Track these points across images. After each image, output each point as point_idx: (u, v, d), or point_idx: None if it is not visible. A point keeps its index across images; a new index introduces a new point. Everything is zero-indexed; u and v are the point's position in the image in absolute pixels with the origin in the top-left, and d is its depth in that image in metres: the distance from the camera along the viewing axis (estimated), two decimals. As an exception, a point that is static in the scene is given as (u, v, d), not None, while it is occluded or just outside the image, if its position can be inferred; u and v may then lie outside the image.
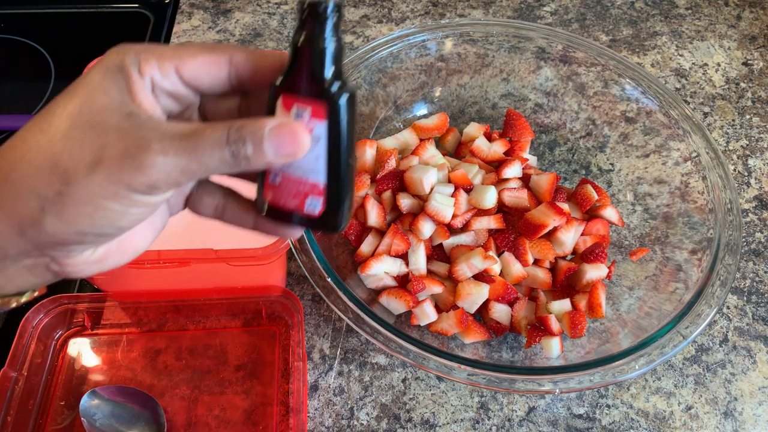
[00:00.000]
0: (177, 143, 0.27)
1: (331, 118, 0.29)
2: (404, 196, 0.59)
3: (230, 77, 0.31)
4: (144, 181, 0.27)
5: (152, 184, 0.27)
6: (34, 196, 0.27)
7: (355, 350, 0.60)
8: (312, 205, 0.31)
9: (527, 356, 0.57)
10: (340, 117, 0.29)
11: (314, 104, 0.29)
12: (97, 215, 0.27)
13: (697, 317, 0.51)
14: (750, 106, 0.80)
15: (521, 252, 0.58)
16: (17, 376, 0.53)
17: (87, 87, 0.28)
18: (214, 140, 0.27)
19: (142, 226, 0.32)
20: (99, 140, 0.27)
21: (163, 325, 0.60)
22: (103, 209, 0.27)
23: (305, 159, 0.29)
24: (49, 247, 0.28)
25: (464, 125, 0.69)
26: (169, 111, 0.31)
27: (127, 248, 0.32)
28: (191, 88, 0.31)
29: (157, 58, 0.29)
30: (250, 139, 0.27)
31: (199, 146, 0.27)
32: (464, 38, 0.69)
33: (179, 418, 0.55)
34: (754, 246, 0.69)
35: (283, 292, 0.58)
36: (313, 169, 0.30)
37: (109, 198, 0.27)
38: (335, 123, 0.29)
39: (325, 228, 0.32)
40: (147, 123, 0.28)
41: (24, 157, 0.27)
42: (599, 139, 0.70)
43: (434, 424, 0.56)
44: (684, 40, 0.87)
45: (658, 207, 0.64)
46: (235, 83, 0.31)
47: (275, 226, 0.33)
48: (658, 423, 0.57)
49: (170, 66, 0.29)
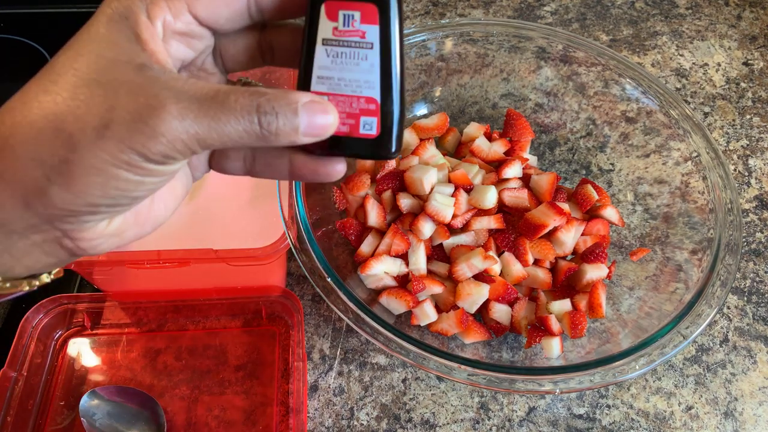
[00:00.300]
0: (197, 107, 0.24)
1: (383, 21, 0.27)
2: (404, 196, 0.59)
3: (249, 7, 0.28)
4: (158, 150, 0.24)
5: (167, 153, 0.24)
6: (37, 164, 0.24)
7: (355, 350, 0.60)
8: (368, 124, 0.28)
9: (527, 356, 0.57)
10: (392, 19, 0.27)
11: (363, 7, 0.27)
12: (109, 185, 0.25)
13: (698, 317, 0.51)
14: (750, 106, 0.80)
15: (521, 252, 0.58)
16: (17, 376, 0.53)
17: (91, 41, 0.25)
18: (242, 107, 0.25)
19: (162, 193, 0.29)
20: (107, 100, 0.24)
21: (163, 325, 0.60)
22: (115, 179, 0.25)
23: (358, 69, 0.27)
24: (59, 220, 0.26)
25: (464, 125, 0.69)
26: (182, 59, 0.28)
27: (146, 219, 0.29)
28: (206, 27, 0.28)
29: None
30: (283, 111, 0.25)
31: (223, 112, 0.24)
32: (464, 38, 0.69)
33: (179, 419, 0.55)
34: (754, 246, 0.69)
35: (283, 292, 0.58)
36: (367, 81, 0.27)
37: (120, 167, 0.24)
38: (387, 26, 0.27)
39: (380, 153, 0.28)
40: (162, 78, 0.25)
41: (24, 120, 0.24)
42: (599, 139, 0.70)
43: (434, 425, 0.56)
44: (684, 39, 0.87)
45: (658, 207, 0.64)
46: (255, 14, 0.28)
47: (318, 164, 0.29)
48: (658, 423, 0.57)
49: (182, 4, 0.26)
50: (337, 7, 0.27)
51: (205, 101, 0.24)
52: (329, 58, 0.28)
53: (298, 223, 0.53)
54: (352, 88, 0.27)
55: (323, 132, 0.27)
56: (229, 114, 0.24)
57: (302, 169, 0.29)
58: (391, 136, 0.28)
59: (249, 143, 0.26)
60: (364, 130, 0.28)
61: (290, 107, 0.25)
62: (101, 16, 0.25)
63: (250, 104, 0.25)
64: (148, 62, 0.25)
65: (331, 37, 0.27)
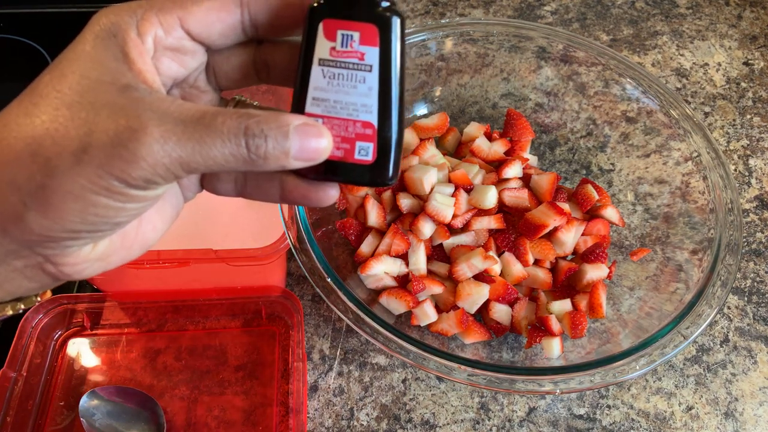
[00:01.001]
0: (182, 129, 0.23)
1: (383, 43, 0.26)
2: (404, 196, 0.59)
3: (243, 22, 0.27)
4: (139, 175, 0.23)
5: (148, 178, 0.23)
6: (14, 189, 0.23)
7: (355, 350, 0.60)
8: (364, 150, 0.27)
9: (528, 357, 0.57)
10: (393, 42, 0.26)
11: (363, 27, 0.25)
12: (88, 212, 0.24)
13: (698, 317, 0.51)
14: (751, 106, 0.80)
15: (522, 252, 0.58)
16: (16, 377, 0.53)
17: (76, 60, 0.24)
18: (228, 130, 0.23)
19: (150, 215, 0.28)
20: (87, 123, 0.23)
21: (163, 326, 0.60)
22: (94, 205, 0.24)
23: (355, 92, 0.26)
24: (38, 245, 0.25)
25: (464, 125, 0.69)
26: (174, 77, 0.27)
27: (133, 242, 0.28)
28: (199, 43, 0.27)
29: (158, 12, 0.25)
30: (273, 134, 0.24)
31: (209, 135, 0.23)
32: (464, 38, 0.69)
33: (179, 419, 0.55)
34: (754, 246, 0.68)
35: (283, 293, 0.58)
36: (364, 105, 0.26)
37: (99, 193, 0.23)
38: (388, 48, 0.26)
39: (375, 180, 0.27)
40: (146, 99, 0.24)
41: (3, 143, 0.23)
42: (600, 138, 0.70)
43: (434, 425, 0.56)
44: (685, 39, 0.87)
45: (658, 207, 0.64)
46: (250, 30, 0.27)
47: (310, 189, 0.28)
48: (658, 423, 0.57)
49: (174, 19, 0.25)
50: (335, 26, 0.26)
51: (190, 123, 0.23)
52: (325, 79, 0.26)
53: (298, 223, 0.53)
54: (348, 111, 0.26)
55: (316, 156, 0.26)
56: (215, 137, 0.23)
57: (293, 192, 0.28)
58: (388, 162, 0.27)
59: (236, 167, 0.25)
60: (360, 156, 0.27)
61: (281, 130, 0.24)
62: (88, 34, 0.25)
63: (238, 126, 0.24)
64: (134, 82, 0.24)
65: (329, 58, 0.26)
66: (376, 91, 0.26)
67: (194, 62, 0.27)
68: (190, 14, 0.25)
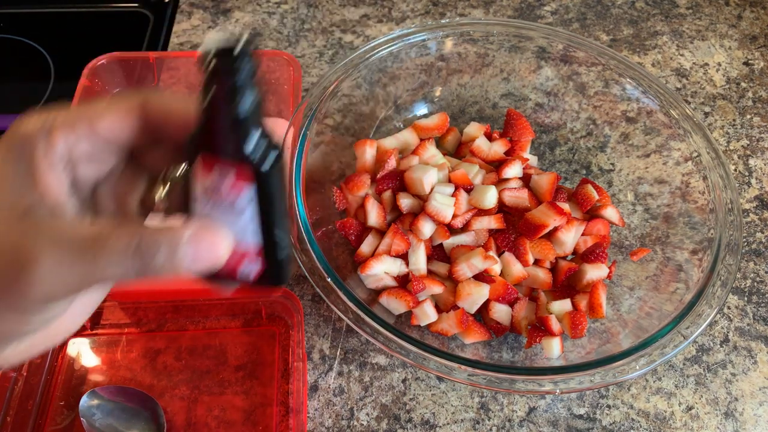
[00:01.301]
0: (75, 252, 0.24)
1: (258, 181, 0.26)
2: (404, 196, 0.59)
3: (144, 127, 0.28)
4: (33, 300, 0.24)
5: (45, 301, 0.24)
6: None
7: (355, 350, 0.60)
8: (248, 268, 0.29)
9: (527, 356, 0.57)
10: (268, 180, 0.26)
11: (238, 167, 0.26)
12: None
13: (698, 317, 0.51)
14: (751, 106, 0.80)
15: (522, 252, 0.58)
16: (16, 377, 0.53)
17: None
18: (119, 250, 0.24)
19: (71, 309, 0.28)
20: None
21: (163, 326, 0.60)
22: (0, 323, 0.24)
23: (239, 220, 0.27)
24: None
25: (464, 125, 0.69)
26: (95, 178, 0.28)
27: (56, 333, 0.29)
28: (111, 144, 0.28)
29: (66, 120, 0.26)
30: (164, 247, 0.24)
31: (103, 256, 0.24)
32: (464, 38, 0.69)
33: (179, 419, 0.55)
34: (754, 246, 0.68)
35: (283, 292, 0.58)
36: (246, 232, 0.28)
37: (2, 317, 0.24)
38: (264, 185, 0.27)
39: (265, 286, 0.30)
40: (44, 222, 0.24)
41: None
42: (600, 138, 0.70)
43: (434, 425, 0.56)
44: (685, 39, 0.87)
45: (658, 207, 0.64)
46: (154, 132, 0.28)
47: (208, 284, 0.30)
48: (658, 423, 0.57)
49: (84, 124, 0.26)
50: (213, 161, 0.26)
51: (83, 245, 0.24)
52: (208, 206, 0.27)
53: (298, 223, 0.53)
54: (233, 233, 0.28)
55: (214, 261, 0.26)
56: (109, 257, 0.24)
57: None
58: (274, 272, 0.29)
59: (134, 278, 0.25)
60: (244, 273, 0.29)
61: (172, 242, 0.25)
62: (2, 146, 0.25)
63: (126, 244, 0.24)
64: (36, 202, 0.25)
65: (210, 188, 0.27)
66: (256, 222, 0.27)
67: (114, 159, 0.28)
68: (98, 120, 0.26)
